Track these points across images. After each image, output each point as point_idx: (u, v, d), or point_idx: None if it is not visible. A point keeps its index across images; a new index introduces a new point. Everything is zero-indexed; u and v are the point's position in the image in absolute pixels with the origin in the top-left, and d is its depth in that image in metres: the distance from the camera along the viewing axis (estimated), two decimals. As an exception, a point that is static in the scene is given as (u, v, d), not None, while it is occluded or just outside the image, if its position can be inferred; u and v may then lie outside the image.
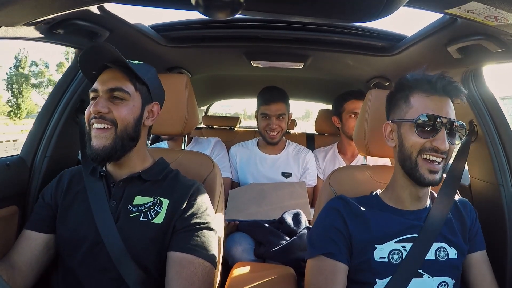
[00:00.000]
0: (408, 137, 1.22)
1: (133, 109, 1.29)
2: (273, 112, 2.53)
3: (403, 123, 1.24)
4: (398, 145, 1.27)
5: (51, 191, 1.38)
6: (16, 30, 1.21)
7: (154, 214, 1.27)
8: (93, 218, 1.24)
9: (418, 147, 1.19)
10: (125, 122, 1.26)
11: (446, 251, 1.24)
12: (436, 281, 1.20)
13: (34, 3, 1.06)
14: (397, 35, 1.86)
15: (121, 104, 1.26)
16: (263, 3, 0.84)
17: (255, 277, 1.50)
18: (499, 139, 1.59)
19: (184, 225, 1.25)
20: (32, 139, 1.69)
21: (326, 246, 1.23)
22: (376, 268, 1.20)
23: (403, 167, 1.25)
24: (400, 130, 1.26)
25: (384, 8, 0.81)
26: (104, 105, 1.23)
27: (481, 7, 0.93)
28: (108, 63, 1.28)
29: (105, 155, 1.23)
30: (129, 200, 1.29)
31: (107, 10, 1.39)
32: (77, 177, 1.39)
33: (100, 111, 1.21)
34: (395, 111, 1.30)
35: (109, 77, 1.27)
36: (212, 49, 2.17)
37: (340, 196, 1.36)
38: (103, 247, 1.20)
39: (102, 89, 1.25)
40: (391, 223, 1.26)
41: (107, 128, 1.23)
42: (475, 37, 1.28)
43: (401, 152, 1.25)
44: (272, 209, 2.23)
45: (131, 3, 0.97)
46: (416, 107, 1.21)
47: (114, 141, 1.24)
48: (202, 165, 1.62)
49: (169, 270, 1.19)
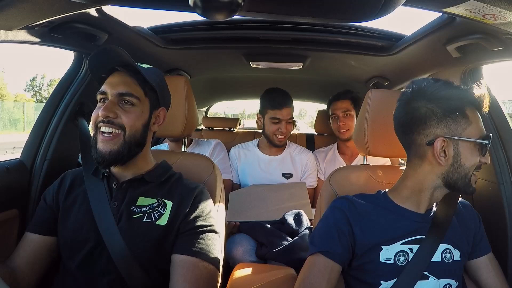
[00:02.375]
0: (470, 156, 1.14)
1: (142, 115, 1.27)
2: (285, 117, 2.51)
3: (467, 141, 1.14)
4: (452, 163, 1.15)
5: (52, 192, 1.35)
6: (14, 34, 1.21)
7: (157, 215, 1.25)
8: (94, 219, 1.22)
9: (475, 166, 1.15)
10: (133, 128, 1.24)
11: (451, 253, 1.22)
12: (441, 283, 1.18)
13: (33, 7, 1.06)
14: (396, 34, 1.86)
15: (131, 109, 1.24)
16: (262, 4, 0.84)
17: (256, 278, 1.50)
18: (498, 138, 1.59)
19: (188, 228, 1.24)
20: (32, 142, 1.69)
21: (324, 244, 1.22)
22: (381, 270, 1.18)
23: (453, 184, 1.18)
24: (459, 148, 1.14)
25: (382, 7, 0.81)
26: (113, 109, 1.21)
27: (480, 5, 0.93)
28: (118, 66, 1.26)
29: (112, 159, 1.21)
30: (132, 201, 1.27)
31: (105, 13, 1.39)
32: (79, 178, 1.37)
33: (109, 116, 1.19)
34: (449, 125, 1.14)
35: (118, 81, 1.25)
36: (211, 50, 2.17)
37: (345, 196, 1.33)
38: (104, 249, 1.19)
39: (112, 93, 1.23)
40: (399, 224, 1.23)
41: (116, 133, 1.21)
42: (474, 36, 1.28)
43: (455, 171, 1.16)
44: (272, 211, 2.23)
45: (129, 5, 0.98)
46: (474, 124, 1.14)
47: (122, 146, 1.22)
48: (203, 167, 1.62)
49: (174, 273, 1.18)
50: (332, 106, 2.75)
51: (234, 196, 2.35)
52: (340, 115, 2.66)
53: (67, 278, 1.24)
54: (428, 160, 1.18)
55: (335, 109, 2.70)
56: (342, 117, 2.65)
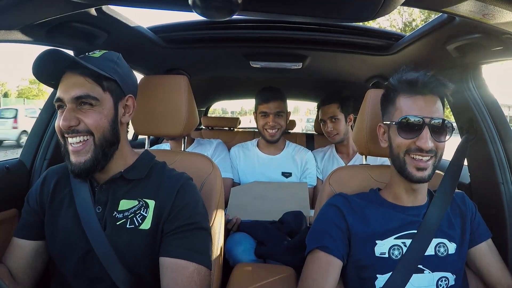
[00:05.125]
0: (394, 138, 1.26)
1: (106, 113, 1.17)
2: (272, 110, 2.56)
3: (391, 124, 1.28)
4: (389, 145, 1.32)
5: (35, 195, 1.28)
6: (14, 33, 1.21)
7: (140, 219, 1.19)
8: (81, 225, 1.18)
9: (404, 148, 1.23)
10: (101, 129, 1.15)
11: (446, 246, 1.26)
12: (435, 276, 1.22)
13: (32, 6, 1.06)
14: (395, 34, 1.86)
15: (91, 111, 1.14)
16: (261, 4, 0.84)
17: (256, 278, 1.50)
18: (498, 137, 1.59)
19: (172, 228, 1.17)
20: (31, 142, 1.69)
21: (322, 240, 1.25)
22: (376, 264, 1.22)
23: (394, 166, 1.29)
24: (389, 132, 1.31)
25: (382, 7, 0.81)
26: (73, 116, 1.11)
27: (479, 5, 0.93)
28: (65, 68, 1.15)
29: (89, 168, 1.14)
30: (114, 205, 1.21)
31: (105, 12, 1.39)
32: (63, 179, 1.30)
33: (70, 125, 1.11)
34: (386, 113, 1.34)
35: (71, 84, 1.13)
36: (211, 50, 2.16)
37: (339, 193, 1.38)
38: (94, 256, 1.14)
39: (67, 99, 1.12)
40: (390, 219, 1.28)
41: (85, 140, 1.14)
42: (473, 35, 1.28)
43: (391, 152, 1.30)
44: (272, 210, 2.23)
45: (129, 4, 0.98)
46: (400, 109, 1.25)
47: (95, 152, 1.15)
48: (202, 166, 1.62)
49: (164, 277, 1.13)
50: (320, 111, 2.80)
51: (235, 192, 2.37)
52: (327, 120, 2.69)
53: (63, 283, 1.22)
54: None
55: (322, 115, 2.75)
56: (329, 122, 2.68)
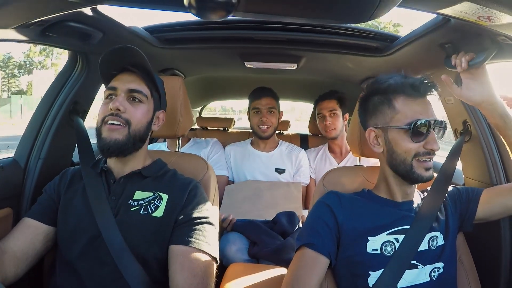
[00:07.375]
0: (400, 143, 1.22)
1: (147, 113, 1.37)
2: (264, 106, 2.64)
3: (391, 129, 1.25)
4: (387, 150, 1.28)
5: (53, 185, 1.41)
6: (8, 32, 1.20)
7: (154, 208, 1.30)
8: (92, 213, 1.27)
9: (413, 152, 1.21)
10: (139, 123, 1.33)
11: (437, 239, 1.26)
12: (427, 269, 1.21)
13: (28, 6, 1.05)
14: (390, 35, 1.86)
15: (139, 105, 1.34)
16: (257, 5, 0.84)
17: (249, 278, 1.50)
18: (493, 139, 1.60)
19: (185, 220, 1.28)
20: (26, 141, 1.68)
21: (309, 237, 1.24)
22: (369, 260, 1.21)
23: (396, 171, 1.26)
24: (388, 136, 1.26)
25: (377, 9, 0.82)
26: (123, 103, 1.29)
27: (475, 7, 0.93)
28: (130, 66, 1.35)
29: (116, 148, 1.28)
30: (130, 195, 1.33)
31: (100, 12, 1.39)
32: (78, 175, 1.43)
33: (118, 108, 1.27)
34: (377, 116, 1.30)
35: (129, 78, 1.35)
36: (206, 50, 2.16)
37: (331, 191, 1.38)
38: (102, 241, 1.22)
39: (122, 89, 1.32)
40: (383, 214, 1.28)
41: (121, 125, 1.28)
42: (468, 37, 1.28)
43: (392, 158, 1.26)
44: (266, 210, 2.24)
45: (124, 4, 0.97)
46: (403, 112, 1.22)
47: (127, 138, 1.29)
48: (197, 166, 1.63)
49: (172, 262, 1.22)
50: (319, 106, 2.83)
51: (230, 190, 2.40)
52: (326, 115, 2.74)
53: (65, 268, 1.26)
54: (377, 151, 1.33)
55: (322, 109, 2.78)
56: (329, 116, 2.73)
